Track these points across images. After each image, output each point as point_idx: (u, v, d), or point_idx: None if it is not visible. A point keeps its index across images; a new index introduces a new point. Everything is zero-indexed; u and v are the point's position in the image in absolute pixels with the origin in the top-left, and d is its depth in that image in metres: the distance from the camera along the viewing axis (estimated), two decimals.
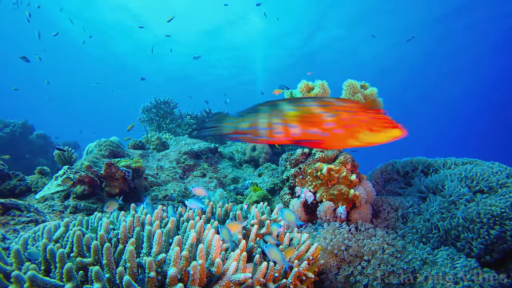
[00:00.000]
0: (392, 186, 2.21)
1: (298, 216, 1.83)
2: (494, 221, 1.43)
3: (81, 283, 0.86)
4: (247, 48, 16.70)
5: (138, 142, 3.66)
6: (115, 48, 17.28)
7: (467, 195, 1.64)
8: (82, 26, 13.25)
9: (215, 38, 15.66)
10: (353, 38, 14.70)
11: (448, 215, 1.60)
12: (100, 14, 14.09)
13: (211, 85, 20.60)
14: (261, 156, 3.84)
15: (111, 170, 2.20)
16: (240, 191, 2.94)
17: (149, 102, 5.24)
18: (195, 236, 0.97)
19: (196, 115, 5.36)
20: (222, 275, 0.90)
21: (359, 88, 1.94)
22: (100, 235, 0.97)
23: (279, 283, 1.04)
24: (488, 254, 1.42)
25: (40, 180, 2.52)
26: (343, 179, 1.76)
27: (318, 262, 1.27)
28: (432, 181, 1.92)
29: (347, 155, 1.91)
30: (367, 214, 1.76)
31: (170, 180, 2.88)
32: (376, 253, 1.39)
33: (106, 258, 0.84)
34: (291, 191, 2.10)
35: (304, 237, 1.30)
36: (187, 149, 3.42)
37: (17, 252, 0.90)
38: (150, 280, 0.81)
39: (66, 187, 2.14)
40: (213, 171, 3.29)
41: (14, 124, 6.36)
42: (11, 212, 1.69)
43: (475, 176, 1.75)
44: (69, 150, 3.17)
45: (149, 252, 0.96)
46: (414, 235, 1.65)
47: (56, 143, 7.17)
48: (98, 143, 3.07)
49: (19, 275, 0.75)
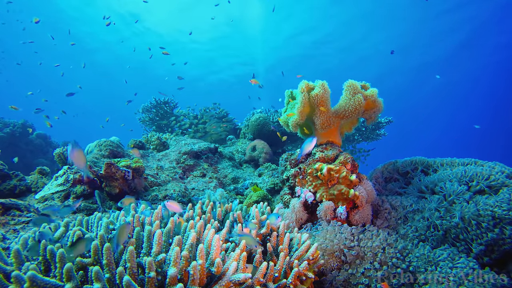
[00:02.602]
0: (393, 186, 2.21)
1: (298, 216, 1.83)
2: (494, 223, 1.43)
3: (81, 283, 0.86)
4: (247, 48, 16.75)
5: (138, 142, 3.66)
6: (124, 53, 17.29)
7: (466, 195, 1.64)
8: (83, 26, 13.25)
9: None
10: (353, 37, 14.71)
11: (447, 214, 1.60)
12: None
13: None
14: (261, 156, 3.84)
15: (111, 170, 2.20)
16: (240, 191, 2.94)
17: (149, 102, 5.24)
18: (195, 236, 0.97)
19: (196, 115, 5.36)
20: (222, 275, 0.90)
21: (359, 89, 1.94)
22: (100, 235, 0.97)
23: (279, 283, 1.04)
24: (487, 255, 1.42)
25: (40, 180, 2.52)
26: (343, 179, 1.76)
27: (318, 262, 1.27)
28: (432, 181, 1.92)
29: (347, 155, 1.91)
30: (367, 214, 1.76)
31: (170, 180, 2.88)
32: (377, 253, 1.39)
33: (106, 258, 0.84)
34: (291, 191, 2.10)
35: (304, 237, 1.30)
36: (187, 149, 3.42)
37: (17, 252, 0.90)
38: (150, 280, 0.81)
39: (66, 187, 2.14)
40: (213, 171, 3.29)
41: (14, 124, 6.36)
42: (11, 212, 1.69)
43: (475, 176, 1.75)
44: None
45: (149, 252, 0.96)
46: (414, 234, 1.65)
47: (56, 143, 7.17)
48: (98, 143, 3.07)
49: (19, 275, 0.75)
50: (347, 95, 1.94)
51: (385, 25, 13.58)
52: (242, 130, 4.77)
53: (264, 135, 4.37)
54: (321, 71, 18.06)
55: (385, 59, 16.06)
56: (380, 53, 15.67)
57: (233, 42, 16.25)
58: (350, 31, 14.22)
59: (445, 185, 1.78)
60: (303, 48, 16.01)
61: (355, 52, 16.00)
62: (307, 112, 2.03)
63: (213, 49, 16.88)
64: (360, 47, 15.52)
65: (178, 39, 16.03)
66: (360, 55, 16.23)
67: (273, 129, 4.32)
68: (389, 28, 13.73)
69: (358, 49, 15.72)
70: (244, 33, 15.43)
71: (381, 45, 15.00)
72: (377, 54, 15.89)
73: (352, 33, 14.32)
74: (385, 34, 14.19)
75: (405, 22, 13.15)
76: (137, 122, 5.46)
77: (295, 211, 1.83)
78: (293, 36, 15.22)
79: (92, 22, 14.44)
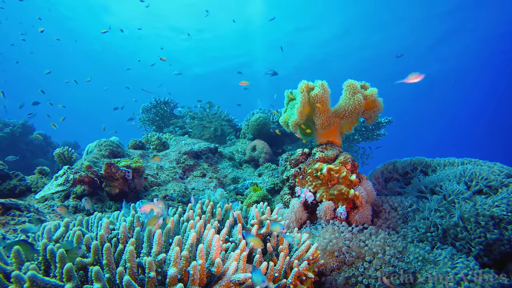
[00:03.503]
0: (393, 186, 2.21)
1: (298, 216, 1.83)
2: (494, 223, 1.43)
3: (81, 283, 0.86)
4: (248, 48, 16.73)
5: (138, 142, 3.66)
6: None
7: (466, 194, 1.64)
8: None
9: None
10: (353, 38, 14.71)
11: (447, 214, 1.60)
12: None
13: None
14: (261, 156, 3.84)
15: (111, 170, 2.20)
16: (240, 191, 2.94)
17: (149, 102, 5.23)
18: (195, 236, 0.97)
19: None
20: (222, 275, 0.90)
21: (359, 89, 1.94)
22: (100, 235, 0.97)
23: (279, 283, 1.04)
24: (487, 255, 1.42)
25: (40, 180, 2.52)
26: (343, 179, 1.76)
27: (318, 262, 1.27)
28: (431, 181, 1.92)
29: (347, 155, 1.91)
30: (367, 214, 1.76)
31: (170, 180, 2.88)
32: (377, 254, 1.39)
33: (106, 258, 0.84)
34: (291, 191, 2.10)
35: (304, 237, 1.30)
36: (187, 149, 3.42)
37: (17, 252, 0.90)
38: (150, 280, 0.81)
39: (66, 187, 2.14)
40: (213, 171, 3.29)
41: (14, 124, 6.36)
42: (11, 212, 1.69)
43: (475, 176, 1.75)
44: (69, 150, 3.16)
45: (149, 252, 0.96)
46: (414, 234, 1.65)
47: (56, 143, 7.17)
48: (98, 143, 3.07)
49: (19, 275, 0.75)
50: (347, 95, 1.94)
51: (386, 25, 13.58)
52: (242, 130, 4.77)
53: (264, 135, 4.37)
54: (321, 70, 18.07)
55: (385, 59, 16.08)
56: (380, 53, 15.68)
57: (232, 40, 16.22)
58: (350, 31, 14.23)
59: (445, 185, 1.78)
60: (304, 47, 16.01)
61: (355, 51, 16.01)
62: (307, 112, 2.03)
63: (214, 48, 16.88)
64: (359, 47, 15.53)
65: (175, 37, 15.97)
66: (360, 55, 16.24)
67: (273, 130, 4.32)
68: (389, 28, 13.73)
69: (358, 49, 15.72)
70: (244, 30, 15.39)
71: (381, 45, 15.00)
72: (376, 55, 15.90)
73: (352, 32, 14.32)
74: (385, 34, 14.19)
75: (406, 22, 13.15)
76: (137, 122, 5.46)
77: (295, 211, 1.83)
78: (294, 35, 15.21)
79: (93, 22, 14.46)
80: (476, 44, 13.98)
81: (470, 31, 13.00)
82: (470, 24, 12.55)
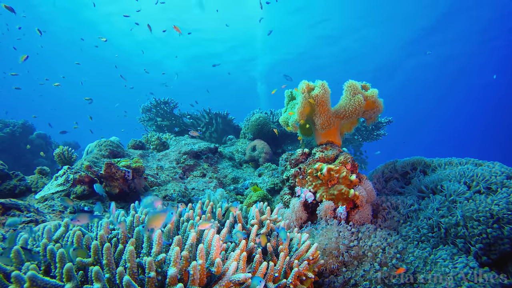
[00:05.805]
0: (393, 186, 2.21)
1: (298, 216, 1.83)
2: (493, 221, 1.43)
3: (81, 283, 0.86)
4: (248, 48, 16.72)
5: (138, 142, 3.66)
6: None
7: (466, 194, 1.64)
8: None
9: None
10: (353, 37, 14.71)
11: (448, 213, 1.60)
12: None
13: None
14: (261, 156, 3.84)
15: (111, 170, 2.20)
16: (240, 191, 2.94)
17: (149, 102, 5.24)
18: (195, 236, 0.97)
19: (196, 115, 5.36)
20: (222, 275, 0.90)
21: (360, 89, 1.94)
22: (100, 235, 0.97)
23: (279, 283, 1.04)
24: (486, 255, 1.42)
25: (40, 180, 2.52)
26: (343, 179, 1.76)
27: (318, 262, 1.27)
28: (431, 181, 1.92)
29: (347, 155, 1.90)
30: (367, 214, 1.76)
31: (170, 180, 2.88)
32: (377, 254, 1.39)
33: (106, 258, 0.84)
34: (291, 191, 2.10)
35: (304, 237, 1.30)
36: (187, 149, 3.42)
37: (17, 252, 0.90)
38: (150, 280, 0.81)
39: (66, 187, 2.14)
40: (213, 171, 3.29)
41: (14, 124, 6.36)
42: (11, 212, 1.69)
43: (475, 176, 1.75)
44: (69, 150, 3.16)
45: (149, 252, 0.96)
46: (414, 234, 1.65)
47: (56, 143, 7.17)
48: (98, 143, 3.07)
49: (19, 275, 0.75)
50: (348, 96, 1.94)
51: (386, 25, 13.58)
52: (242, 130, 4.77)
53: (264, 135, 4.37)
54: (321, 71, 18.07)
55: (385, 59, 16.08)
56: (380, 53, 15.68)
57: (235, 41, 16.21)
58: (350, 31, 14.23)
59: (446, 184, 1.78)
60: (304, 47, 16.01)
61: (355, 52, 16.02)
62: (307, 112, 2.03)
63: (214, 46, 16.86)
64: (360, 47, 15.54)
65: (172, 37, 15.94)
66: (359, 55, 16.24)
67: (273, 130, 4.32)
68: (390, 28, 13.73)
69: (359, 49, 15.73)
70: (244, 30, 15.38)
71: (382, 45, 15.00)
72: (377, 54, 15.90)
73: (353, 33, 14.33)
74: (386, 34, 14.19)
75: (406, 21, 13.15)
76: (137, 122, 5.46)
77: (295, 211, 1.83)
78: (294, 34, 15.19)
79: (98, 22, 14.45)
80: (476, 43, 13.98)
81: (470, 31, 13.00)
82: (470, 24, 12.55)
